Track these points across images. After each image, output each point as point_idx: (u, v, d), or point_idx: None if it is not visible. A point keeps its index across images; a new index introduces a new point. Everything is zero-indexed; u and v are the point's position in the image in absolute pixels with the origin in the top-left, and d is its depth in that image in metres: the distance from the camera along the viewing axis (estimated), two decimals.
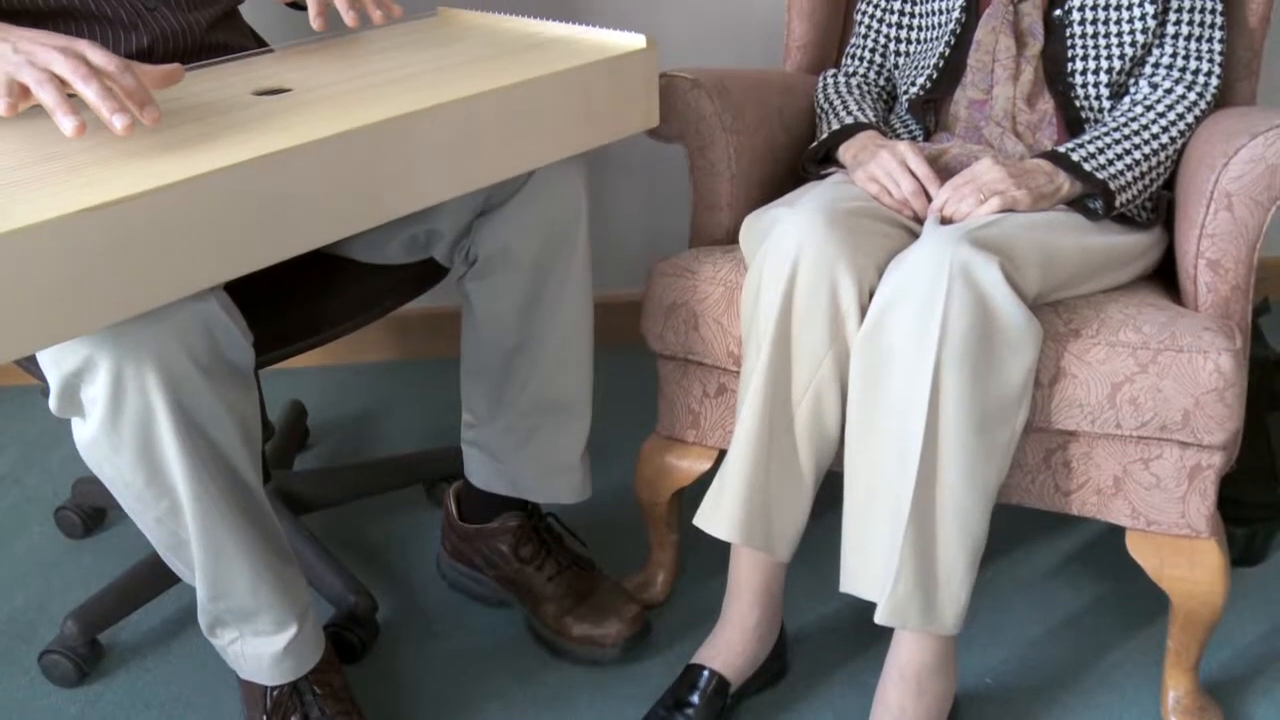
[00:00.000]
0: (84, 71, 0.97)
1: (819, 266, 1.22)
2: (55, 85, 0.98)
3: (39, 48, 0.99)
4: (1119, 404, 1.24)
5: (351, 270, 1.42)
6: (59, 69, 0.98)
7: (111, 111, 0.97)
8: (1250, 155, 1.25)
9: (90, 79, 0.97)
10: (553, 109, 1.22)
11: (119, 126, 0.97)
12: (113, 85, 0.98)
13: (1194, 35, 1.44)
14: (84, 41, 1.01)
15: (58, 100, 0.97)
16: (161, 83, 1.06)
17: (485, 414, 1.45)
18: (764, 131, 1.55)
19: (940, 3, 1.54)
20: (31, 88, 0.98)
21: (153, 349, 1.03)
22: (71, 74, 0.97)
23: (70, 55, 0.98)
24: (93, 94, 0.97)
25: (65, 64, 0.98)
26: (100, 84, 0.97)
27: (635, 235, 2.20)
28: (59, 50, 0.99)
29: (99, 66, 0.99)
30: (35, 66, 0.98)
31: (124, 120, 0.97)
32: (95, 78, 0.98)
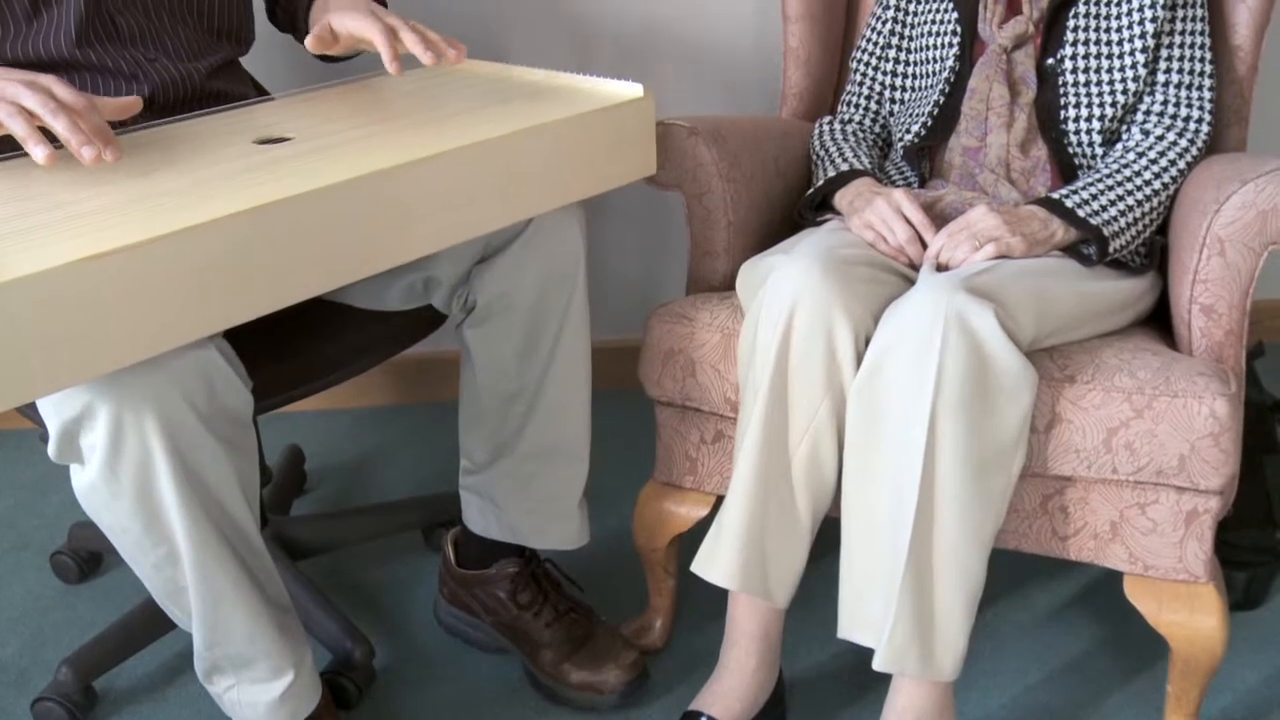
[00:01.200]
0: (52, 105, 1.01)
1: (815, 314, 1.22)
2: (24, 117, 1.01)
3: (6, 83, 1.03)
4: (1115, 449, 1.24)
5: (351, 316, 1.43)
6: (27, 102, 1.01)
7: (80, 144, 1.01)
8: (1241, 201, 1.27)
9: (58, 113, 1.01)
10: (551, 158, 1.23)
11: (87, 158, 1.01)
12: (78, 120, 1.02)
13: (1184, 83, 1.46)
14: (49, 77, 1.05)
15: (28, 130, 1.01)
16: (121, 113, 1.10)
17: (483, 460, 1.45)
18: (760, 178, 1.57)
19: (935, 51, 1.56)
20: (2, 120, 1.01)
21: (152, 396, 1.04)
22: (40, 107, 1.01)
23: (37, 89, 1.02)
24: (61, 127, 1.01)
25: (33, 98, 1.01)
26: (68, 118, 1.01)
27: (633, 280, 2.21)
28: (26, 85, 1.02)
29: (65, 101, 1.03)
30: (4, 100, 1.02)
31: (92, 152, 1.01)
32: (63, 111, 1.02)
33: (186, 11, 1.39)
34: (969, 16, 1.52)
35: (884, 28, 1.64)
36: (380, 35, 1.24)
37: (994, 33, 1.49)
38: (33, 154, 1.00)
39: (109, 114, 1.09)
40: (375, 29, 1.25)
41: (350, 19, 1.28)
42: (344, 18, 1.29)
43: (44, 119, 1.01)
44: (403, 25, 1.26)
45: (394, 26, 1.26)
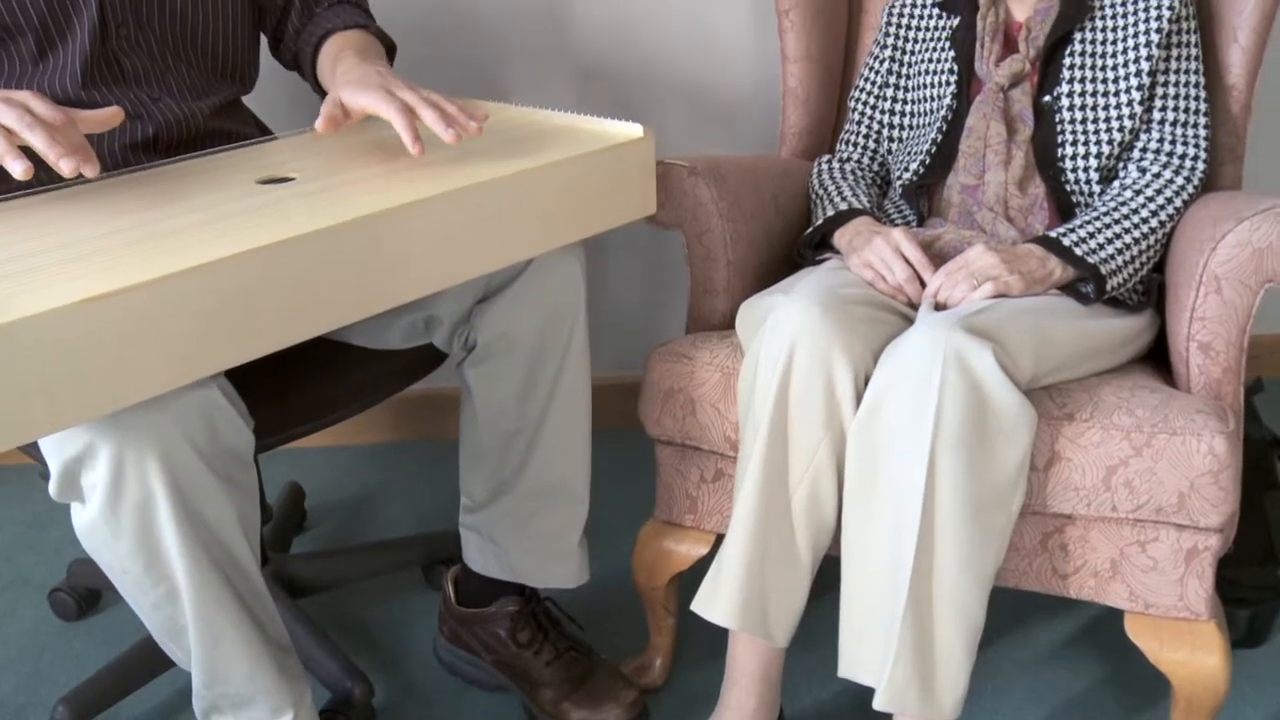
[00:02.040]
0: (29, 120, 1.02)
1: (814, 353, 1.23)
2: (3, 134, 1.02)
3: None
4: (1114, 487, 1.25)
5: (352, 355, 1.43)
6: (4, 119, 1.02)
7: (58, 157, 1.02)
8: (1237, 239, 1.27)
9: (35, 127, 1.02)
10: (551, 198, 1.23)
11: (66, 170, 1.02)
12: (55, 135, 1.03)
13: (1179, 121, 1.47)
14: (26, 92, 1.06)
15: (6, 147, 1.02)
16: (102, 125, 1.11)
17: (484, 498, 1.46)
18: (760, 217, 1.58)
19: (932, 90, 1.57)
20: None
21: (154, 436, 1.04)
22: (17, 123, 1.02)
23: (14, 105, 1.03)
24: (39, 141, 1.02)
25: (9, 113, 1.02)
26: (45, 131, 1.02)
27: (633, 318, 2.21)
28: (3, 101, 1.03)
29: (42, 116, 1.04)
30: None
31: (70, 164, 1.02)
32: (40, 126, 1.03)
33: (190, 52, 1.40)
34: (966, 55, 1.53)
35: (881, 67, 1.65)
36: (398, 115, 1.16)
37: (991, 71, 1.50)
38: (10, 169, 1.01)
39: (90, 126, 1.10)
40: (392, 109, 1.16)
41: (363, 95, 1.19)
42: (356, 94, 1.20)
43: (21, 135, 1.02)
44: (420, 101, 1.18)
45: (410, 104, 1.17)
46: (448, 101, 1.21)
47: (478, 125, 1.19)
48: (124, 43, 1.33)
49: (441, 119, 1.17)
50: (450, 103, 1.21)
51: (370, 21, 1.51)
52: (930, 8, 1.62)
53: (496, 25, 2.01)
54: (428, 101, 1.19)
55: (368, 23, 1.50)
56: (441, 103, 1.20)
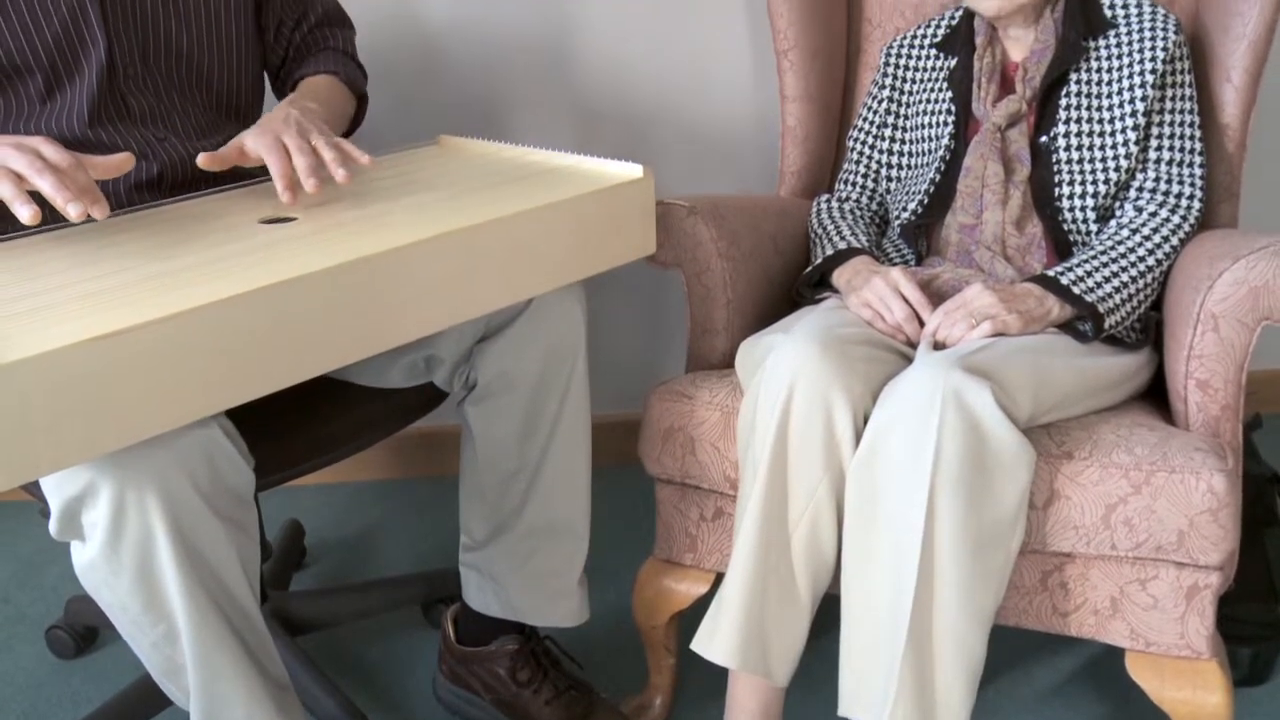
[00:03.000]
0: (38, 165, 1.04)
1: (814, 393, 1.23)
2: (12, 179, 1.03)
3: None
4: (1113, 525, 1.25)
5: (352, 394, 1.44)
6: (15, 164, 1.04)
7: (66, 201, 1.03)
8: (1234, 278, 1.28)
9: (44, 172, 1.03)
10: (551, 238, 1.24)
11: (74, 214, 1.03)
12: (64, 179, 1.04)
13: (1175, 160, 1.48)
14: (37, 138, 1.07)
15: (15, 192, 1.03)
16: (112, 171, 1.12)
17: (484, 537, 1.45)
18: (759, 257, 1.58)
19: (930, 130, 1.58)
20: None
21: (155, 475, 1.04)
22: (27, 168, 1.03)
23: (25, 150, 1.05)
24: (47, 186, 1.03)
25: (20, 159, 1.04)
26: (54, 177, 1.03)
27: (633, 356, 2.22)
28: (14, 147, 1.05)
29: (52, 161, 1.05)
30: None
31: (78, 209, 1.03)
32: (49, 171, 1.04)
33: (196, 91, 1.41)
34: (963, 96, 1.55)
35: (880, 107, 1.67)
36: (276, 160, 1.20)
37: (988, 111, 1.51)
38: (18, 214, 1.02)
39: (101, 173, 1.11)
40: (273, 155, 1.20)
41: (257, 138, 1.23)
42: (253, 136, 1.23)
43: (30, 179, 1.03)
44: (298, 148, 1.21)
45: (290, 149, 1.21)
46: (330, 147, 1.23)
47: (345, 174, 1.21)
48: (131, 83, 1.34)
49: (310, 166, 1.20)
50: (332, 149, 1.23)
51: (343, 69, 1.53)
52: (928, 48, 1.63)
53: (497, 65, 2.03)
54: (305, 148, 1.21)
55: (339, 70, 1.52)
56: (322, 149, 1.22)
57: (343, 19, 1.60)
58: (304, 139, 1.23)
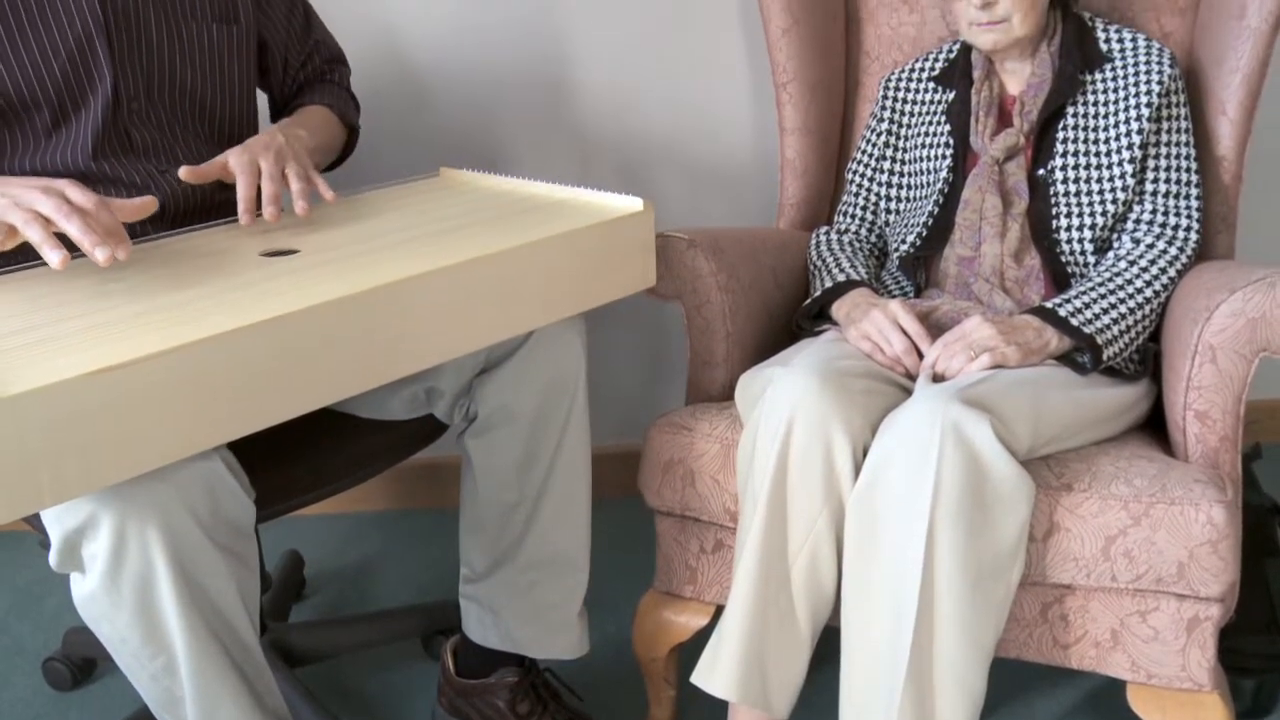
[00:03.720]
0: (66, 209, 1.04)
1: (813, 426, 1.24)
2: (41, 223, 1.04)
3: (23, 190, 1.06)
4: (1113, 557, 1.25)
5: (353, 425, 1.44)
6: (43, 208, 1.04)
7: (93, 245, 1.04)
8: (1231, 310, 1.29)
9: (71, 216, 1.04)
10: (552, 271, 1.25)
11: (100, 259, 1.03)
12: (91, 222, 1.05)
13: (1172, 192, 1.49)
14: (64, 181, 1.08)
15: (44, 236, 1.03)
16: (137, 214, 1.13)
17: (483, 569, 1.45)
18: (758, 289, 1.59)
19: (928, 163, 1.59)
20: (19, 227, 1.04)
21: (156, 507, 1.04)
22: (54, 212, 1.04)
23: (52, 194, 1.05)
24: (75, 230, 1.04)
25: (48, 203, 1.04)
26: (81, 220, 1.04)
27: (633, 387, 2.22)
28: (41, 190, 1.05)
29: (79, 204, 1.06)
30: (20, 207, 1.05)
31: (104, 253, 1.04)
32: (77, 215, 1.04)
33: (199, 125, 1.42)
34: (961, 129, 1.56)
35: (878, 140, 1.68)
36: (244, 181, 1.25)
37: (986, 145, 1.52)
38: (48, 259, 1.03)
39: (126, 215, 1.11)
40: (242, 175, 1.25)
41: (239, 155, 1.27)
42: (238, 154, 1.28)
43: (58, 223, 1.04)
44: (269, 175, 1.26)
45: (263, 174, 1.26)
46: (299, 179, 1.29)
47: (303, 206, 1.28)
48: (135, 116, 1.35)
49: (271, 195, 1.26)
50: (300, 180, 1.29)
51: (337, 102, 1.58)
52: (926, 81, 1.65)
53: (498, 97, 2.04)
54: (274, 175, 1.27)
55: (333, 103, 1.57)
56: (292, 179, 1.29)
57: (341, 56, 1.65)
58: (278, 166, 1.29)
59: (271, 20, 1.52)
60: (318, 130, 1.49)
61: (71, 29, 1.30)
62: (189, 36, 1.39)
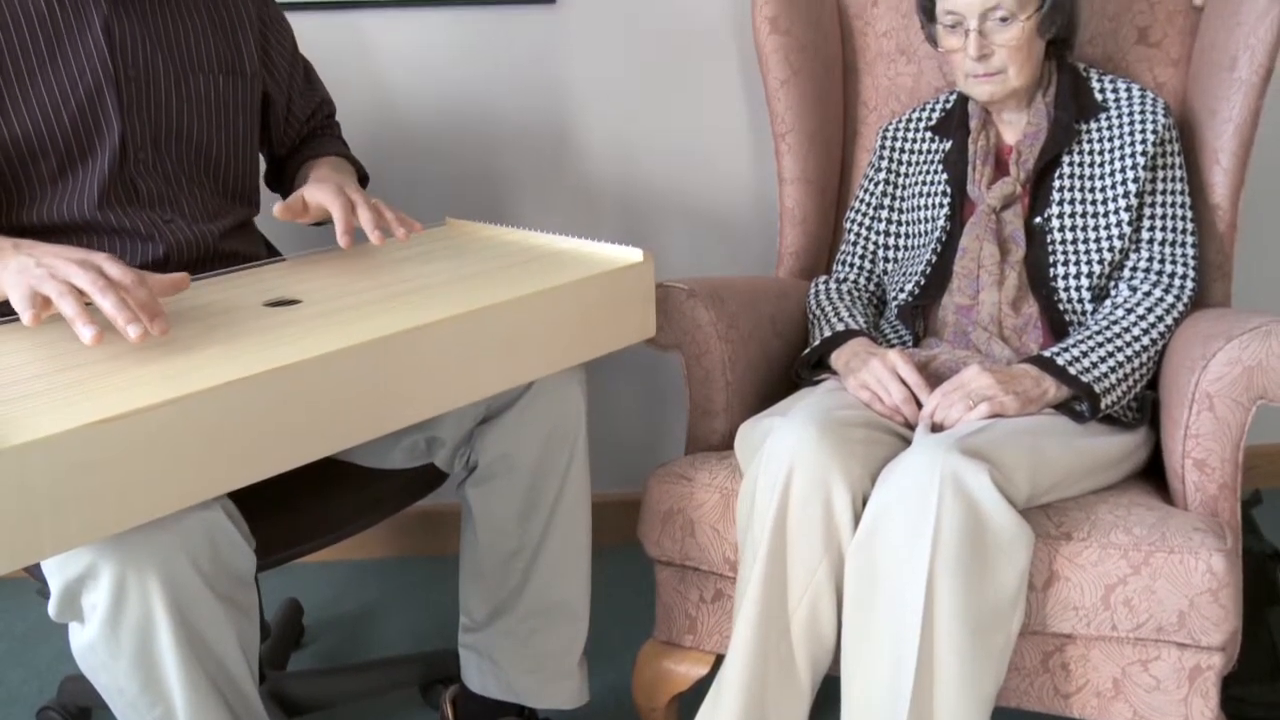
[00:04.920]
0: (101, 284, 1.03)
1: (813, 476, 1.24)
2: (75, 297, 1.03)
3: (60, 261, 1.05)
4: (1113, 606, 1.24)
5: (353, 474, 1.44)
6: (78, 281, 1.04)
7: (126, 322, 1.03)
8: (1227, 358, 1.29)
9: (107, 291, 1.03)
10: (553, 322, 1.26)
11: (133, 336, 1.02)
12: (126, 297, 1.04)
13: (1168, 240, 1.50)
14: (101, 255, 1.07)
15: (77, 310, 1.02)
16: (170, 290, 1.12)
17: (483, 618, 1.45)
18: (757, 338, 1.60)
19: (926, 211, 1.60)
20: (53, 299, 1.03)
21: (157, 557, 1.04)
22: (90, 286, 1.03)
23: (89, 268, 1.05)
24: (109, 305, 1.03)
25: (84, 277, 1.04)
26: (116, 296, 1.03)
27: (633, 435, 2.22)
28: (78, 264, 1.05)
29: (115, 279, 1.05)
30: (56, 279, 1.04)
31: (137, 330, 1.03)
32: (112, 290, 1.04)
33: (205, 176, 1.44)
34: (958, 178, 1.57)
35: (876, 189, 1.69)
36: (339, 209, 1.32)
37: (983, 193, 1.53)
38: (79, 334, 1.02)
39: (159, 291, 1.10)
40: (336, 202, 1.32)
41: (319, 191, 1.35)
42: (314, 190, 1.36)
43: (92, 297, 1.03)
44: (362, 203, 1.33)
45: (354, 202, 1.34)
46: (389, 209, 1.36)
47: (404, 232, 1.34)
48: (141, 166, 1.36)
49: (373, 219, 1.32)
50: (391, 211, 1.36)
51: (347, 153, 1.63)
52: (923, 131, 1.66)
53: (500, 148, 2.06)
54: (369, 204, 1.35)
55: (346, 153, 1.62)
56: (382, 208, 1.35)
57: (334, 109, 1.68)
58: (365, 198, 1.36)
59: (276, 73, 1.54)
60: (350, 175, 1.53)
61: (82, 79, 1.31)
62: (197, 88, 1.41)
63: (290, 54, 1.56)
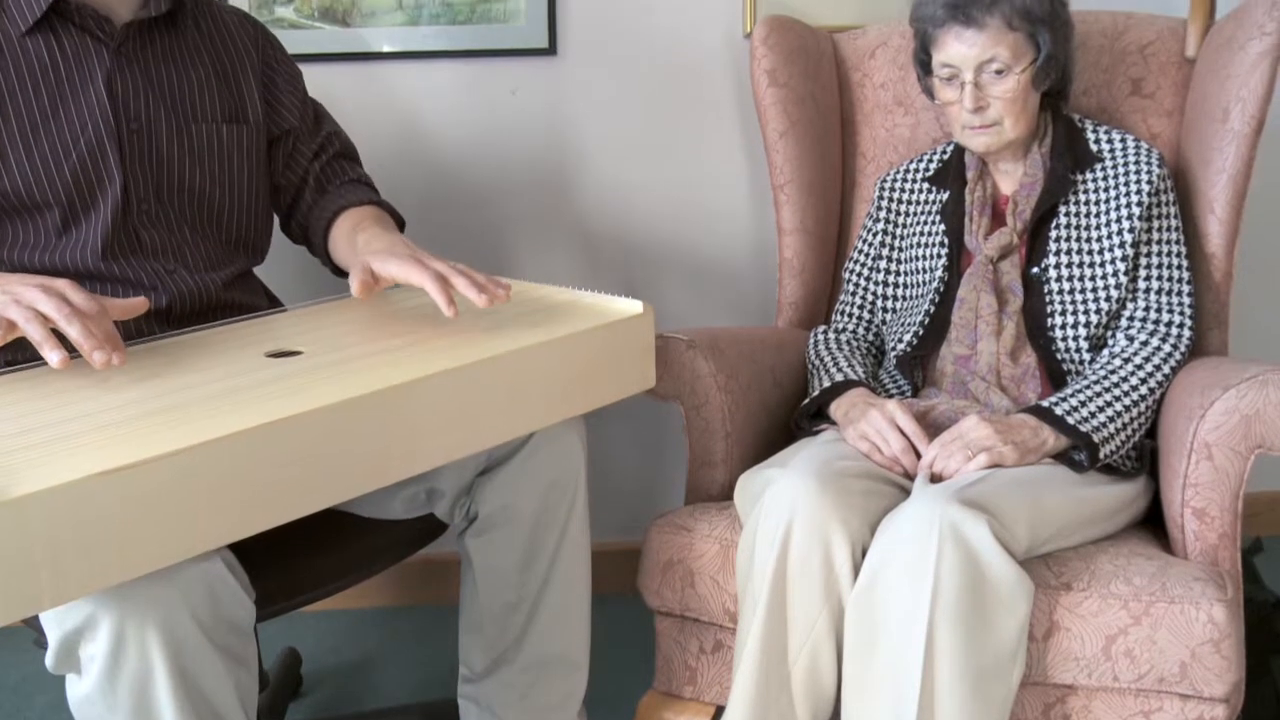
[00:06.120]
0: (66, 311, 1.05)
1: (812, 527, 1.24)
2: (40, 322, 1.05)
3: (24, 288, 1.07)
4: (1114, 656, 1.24)
5: (354, 525, 1.44)
6: (43, 307, 1.05)
7: (92, 349, 1.05)
8: (1225, 407, 1.30)
9: (72, 319, 1.05)
10: (553, 373, 1.26)
11: (98, 362, 1.05)
12: (90, 325, 1.06)
13: (1164, 290, 1.51)
14: (63, 281, 1.09)
15: (44, 335, 1.05)
16: (126, 314, 1.14)
17: (482, 669, 1.44)
18: (757, 389, 1.60)
19: (924, 262, 1.61)
20: (19, 324, 1.05)
21: (156, 609, 1.04)
22: (55, 313, 1.05)
23: (52, 294, 1.06)
24: (75, 332, 1.05)
25: (49, 303, 1.05)
26: (81, 324, 1.05)
27: (634, 484, 2.22)
28: (42, 290, 1.06)
29: (79, 306, 1.07)
30: (21, 304, 1.06)
31: (103, 357, 1.05)
32: (77, 317, 1.05)
33: (207, 226, 1.44)
34: (955, 229, 1.58)
35: (874, 239, 1.70)
36: (432, 283, 1.22)
37: (980, 244, 1.54)
38: (48, 358, 1.04)
39: (115, 315, 1.12)
40: (425, 277, 1.23)
41: (395, 265, 1.26)
42: (386, 262, 1.26)
43: (58, 324, 1.05)
44: (451, 271, 1.25)
45: (443, 273, 1.24)
46: (474, 271, 1.27)
47: (505, 291, 1.25)
48: (144, 217, 1.37)
49: (474, 285, 1.23)
50: (477, 273, 1.27)
51: (380, 198, 1.57)
52: (920, 182, 1.67)
53: (500, 199, 2.07)
54: (458, 270, 1.25)
55: (378, 199, 1.57)
56: (470, 271, 1.26)
57: (355, 154, 1.64)
58: (448, 265, 1.26)
59: (281, 116, 1.53)
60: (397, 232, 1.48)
61: (84, 132, 1.32)
62: (199, 138, 1.42)
63: (300, 97, 1.56)
